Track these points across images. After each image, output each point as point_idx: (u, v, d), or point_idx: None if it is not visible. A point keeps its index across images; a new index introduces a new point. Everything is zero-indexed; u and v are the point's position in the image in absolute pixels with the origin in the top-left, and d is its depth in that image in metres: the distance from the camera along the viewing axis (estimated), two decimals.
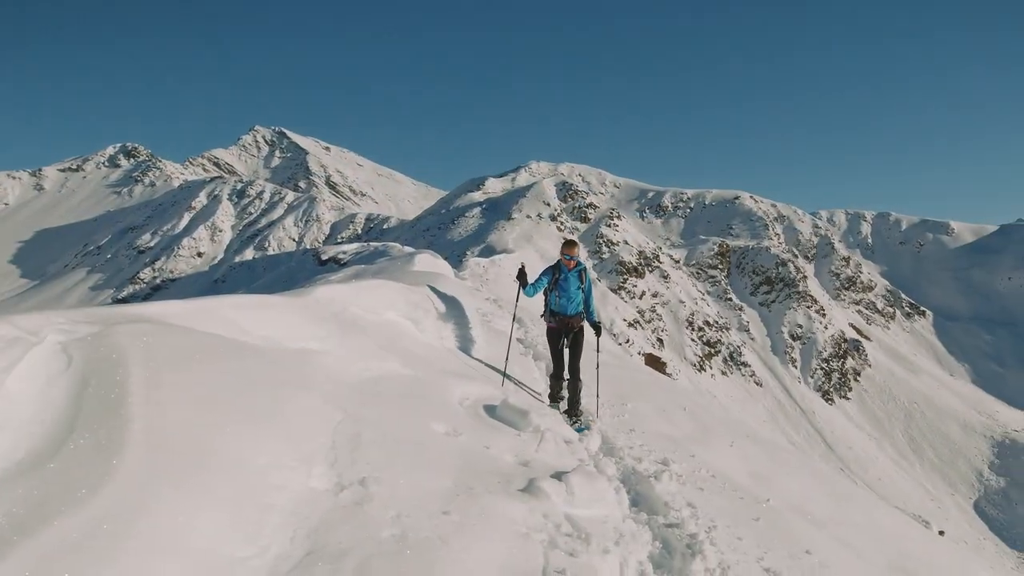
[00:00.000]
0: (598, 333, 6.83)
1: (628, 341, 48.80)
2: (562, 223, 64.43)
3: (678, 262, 67.99)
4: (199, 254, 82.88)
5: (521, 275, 6.95)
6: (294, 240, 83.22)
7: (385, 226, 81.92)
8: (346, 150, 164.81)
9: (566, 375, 6.55)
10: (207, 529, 2.06)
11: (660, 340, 53.40)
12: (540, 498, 3.31)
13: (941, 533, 35.04)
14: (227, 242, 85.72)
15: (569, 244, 6.66)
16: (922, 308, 77.81)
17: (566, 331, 6.59)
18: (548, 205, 65.61)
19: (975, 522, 46.93)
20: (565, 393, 6.53)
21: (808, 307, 64.34)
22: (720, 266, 68.96)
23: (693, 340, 56.56)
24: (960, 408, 59.49)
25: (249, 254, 79.09)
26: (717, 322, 60.22)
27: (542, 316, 6.80)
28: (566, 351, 6.61)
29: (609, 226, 63.64)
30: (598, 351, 7.17)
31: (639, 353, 47.82)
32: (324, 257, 40.89)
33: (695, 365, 54.22)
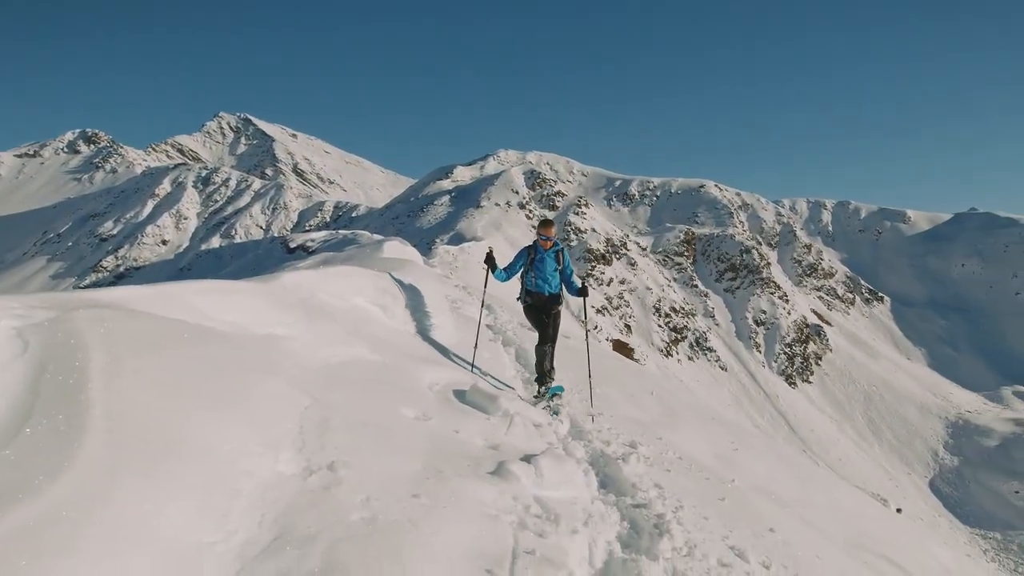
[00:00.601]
0: (585, 294, 6.56)
1: (596, 327, 49.23)
2: (531, 211, 64.91)
3: (645, 249, 68.72)
4: (164, 242, 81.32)
5: (489, 259, 6.64)
6: (261, 228, 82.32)
7: (354, 214, 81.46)
8: (313, 137, 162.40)
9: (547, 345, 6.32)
10: (174, 516, 2.02)
11: (628, 326, 54.01)
12: (510, 480, 3.33)
13: (899, 511, 36.37)
14: (192, 230, 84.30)
15: (545, 224, 6.44)
16: (880, 294, 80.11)
17: (544, 311, 6.36)
18: (516, 193, 65.97)
19: (930, 500, 48.75)
20: (552, 362, 6.29)
21: (771, 293, 65.72)
22: (686, 253, 69.97)
23: (660, 326, 57.36)
24: (917, 391, 61.58)
25: (215, 242, 77.87)
26: (683, 308, 61.12)
27: (518, 299, 6.52)
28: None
29: (577, 214, 64.04)
30: (585, 319, 7.40)
31: (607, 339, 48.32)
32: (292, 245, 40.21)
33: (662, 350, 55.02)
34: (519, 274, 6.47)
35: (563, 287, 6.50)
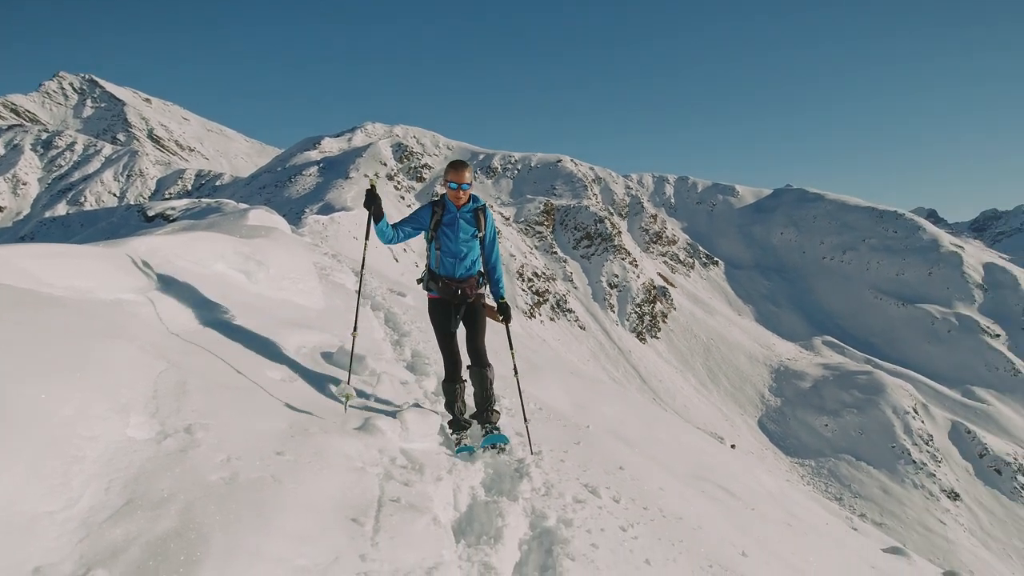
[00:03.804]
0: (507, 317, 4.37)
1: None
2: (399, 182, 64.96)
3: (508, 219, 70.71)
4: None
5: (370, 198, 4.10)
6: (115, 196, 75.60)
7: (218, 183, 76.96)
8: (170, 103, 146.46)
9: (465, 374, 4.32)
10: (1, 485, 1.86)
11: None
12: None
13: (733, 447, 40.89)
14: (34, 196, 76.33)
15: (457, 166, 4.25)
16: (715, 258, 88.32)
17: (457, 303, 4.24)
18: (385, 165, 65.71)
19: (759, 436, 55.26)
20: (465, 405, 4.35)
21: (623, 259, 70.34)
22: (546, 223, 72.85)
23: (524, 290, 59.47)
24: (747, 343, 68.98)
25: (61, 209, 69.93)
26: (544, 273, 63.69)
27: (419, 282, 4.40)
28: (459, 336, 4.33)
29: (444, 186, 64.54)
30: (512, 348, 4.57)
31: None
32: (151, 213, 36.23)
33: (526, 312, 57.12)
34: (425, 245, 4.35)
35: (484, 269, 4.36)
